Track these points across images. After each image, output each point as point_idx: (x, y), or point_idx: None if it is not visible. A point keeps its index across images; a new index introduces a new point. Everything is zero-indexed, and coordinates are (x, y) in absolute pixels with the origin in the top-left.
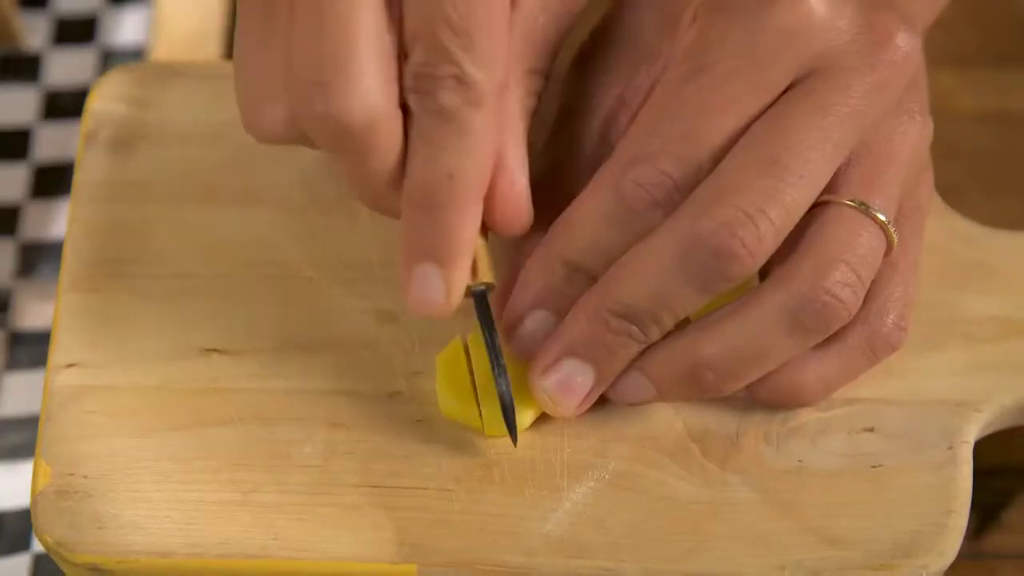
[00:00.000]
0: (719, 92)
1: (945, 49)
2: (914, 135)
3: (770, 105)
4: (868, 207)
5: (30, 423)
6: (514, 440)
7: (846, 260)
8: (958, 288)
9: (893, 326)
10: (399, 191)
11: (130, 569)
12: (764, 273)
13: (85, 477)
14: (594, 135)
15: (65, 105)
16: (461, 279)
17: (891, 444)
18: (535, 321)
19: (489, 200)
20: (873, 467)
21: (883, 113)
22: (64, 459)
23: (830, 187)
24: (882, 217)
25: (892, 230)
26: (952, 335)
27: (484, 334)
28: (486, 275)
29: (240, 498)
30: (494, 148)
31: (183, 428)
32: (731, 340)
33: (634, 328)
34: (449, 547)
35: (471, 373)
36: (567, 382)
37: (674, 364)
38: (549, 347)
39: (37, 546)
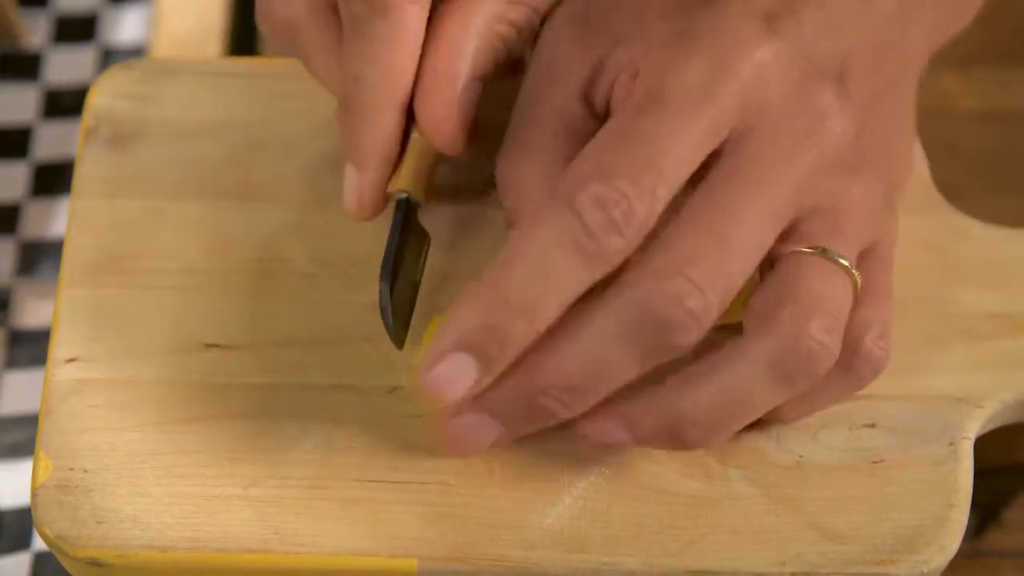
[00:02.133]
0: (677, 124)
1: (947, 48)
2: (859, 193)
3: (717, 150)
4: (828, 251)
5: (29, 421)
6: (397, 344)
7: (821, 306)
8: (959, 285)
9: (872, 346)
10: None
11: (130, 563)
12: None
13: (85, 471)
14: (577, 94)
15: (65, 104)
16: (373, 182)
17: (892, 439)
18: (455, 365)
19: (416, 106)
20: (874, 462)
21: (822, 173)
22: (64, 453)
23: (790, 237)
24: (843, 261)
25: (855, 273)
26: (953, 331)
27: (389, 238)
28: (405, 183)
29: (240, 492)
30: (405, 57)
31: (183, 422)
32: (716, 397)
33: (563, 402)
34: (449, 541)
35: None
36: (469, 435)
37: (656, 419)
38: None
39: (37, 544)
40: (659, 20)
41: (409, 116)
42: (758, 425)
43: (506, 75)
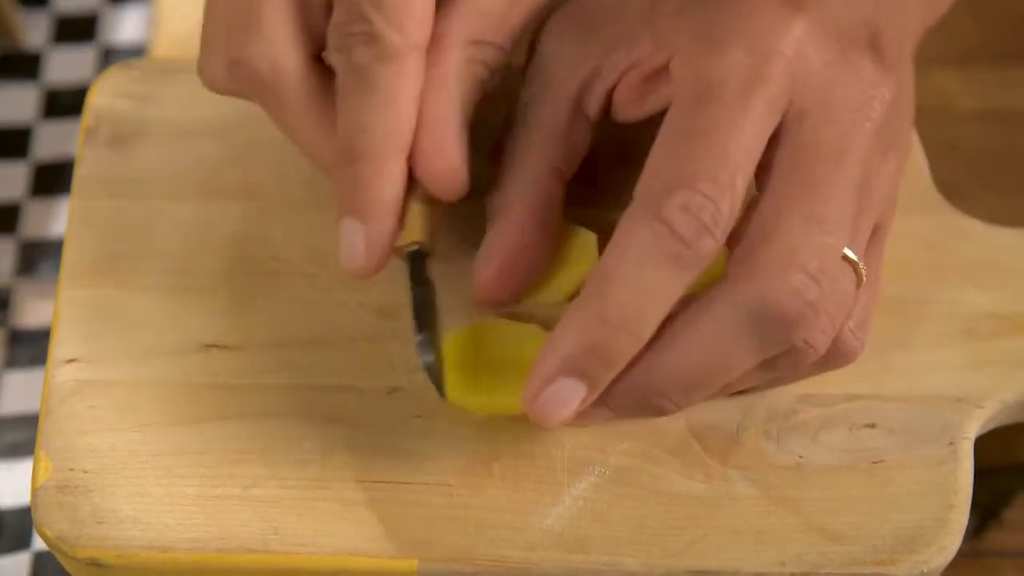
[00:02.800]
0: (737, 111)
1: (946, 47)
2: (888, 171)
3: (777, 131)
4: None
5: (29, 421)
6: (442, 394)
7: (824, 308)
8: (959, 285)
9: (849, 335)
10: (328, 151)
11: (130, 564)
12: None
13: (85, 472)
14: (568, 99)
15: (65, 103)
16: (381, 236)
17: (892, 440)
18: (562, 389)
19: (414, 157)
20: (874, 463)
21: (878, 153)
22: (64, 454)
23: None
24: (853, 256)
25: (863, 268)
26: (953, 331)
27: (411, 293)
28: (417, 235)
29: (240, 493)
30: (410, 105)
31: (183, 423)
32: (694, 360)
33: (676, 402)
34: (449, 542)
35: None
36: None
37: (633, 393)
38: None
39: (37, 544)
40: (673, 17)
41: None
42: (759, 426)
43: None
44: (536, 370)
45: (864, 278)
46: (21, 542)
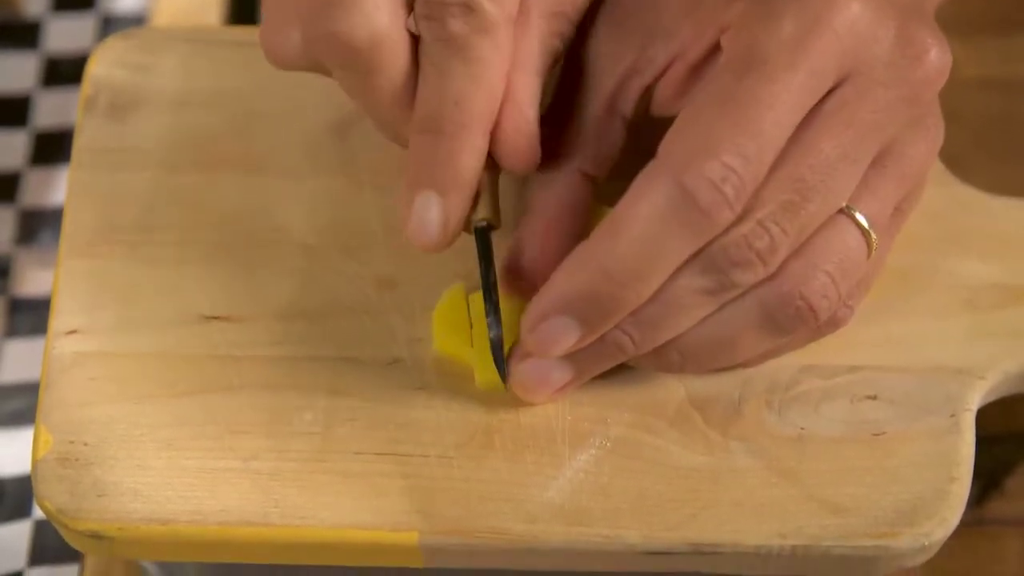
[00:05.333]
0: (777, 86)
1: (950, 16)
2: (925, 150)
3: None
4: (853, 209)
5: (30, 390)
6: (504, 380)
7: (827, 270)
8: (961, 255)
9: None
10: (409, 120)
11: (130, 537)
12: None
13: (86, 444)
14: (602, 100)
15: (65, 72)
16: (459, 210)
17: (893, 411)
18: (559, 325)
19: (497, 132)
20: (875, 435)
21: (905, 126)
22: (65, 426)
23: None
24: (864, 223)
25: (873, 237)
26: (955, 302)
27: (481, 268)
28: (487, 212)
29: (240, 465)
30: (502, 78)
31: (183, 395)
32: (706, 332)
33: (632, 337)
34: (450, 514)
35: (470, 318)
36: (540, 377)
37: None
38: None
39: (38, 512)
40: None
41: None
42: (760, 398)
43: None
44: (535, 305)
45: (874, 249)
46: (22, 510)
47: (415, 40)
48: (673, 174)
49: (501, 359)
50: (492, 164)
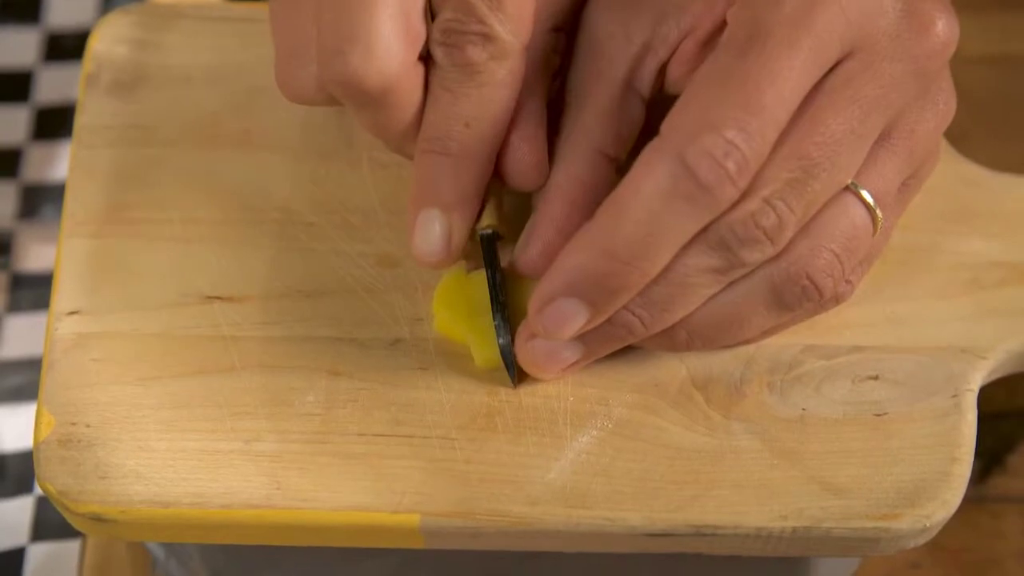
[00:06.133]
0: (780, 62)
1: None
2: (934, 125)
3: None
4: (858, 186)
5: (32, 365)
6: (512, 380)
7: (833, 248)
8: (964, 233)
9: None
10: (416, 140)
11: (133, 519)
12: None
13: (88, 426)
14: (618, 80)
15: (67, 47)
16: (463, 226)
17: (895, 392)
18: (566, 307)
19: (505, 152)
20: (877, 415)
21: (913, 100)
22: (66, 408)
23: None
24: (869, 199)
25: (879, 214)
26: (957, 281)
27: (488, 275)
28: (492, 219)
29: (242, 447)
30: (513, 102)
31: (185, 376)
32: (715, 311)
33: (641, 319)
34: (451, 496)
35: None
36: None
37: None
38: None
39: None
40: None
41: None
42: (762, 379)
43: None
44: (541, 287)
45: (880, 226)
46: (24, 486)
47: (425, 67)
48: (675, 151)
49: (512, 365)
50: (497, 173)
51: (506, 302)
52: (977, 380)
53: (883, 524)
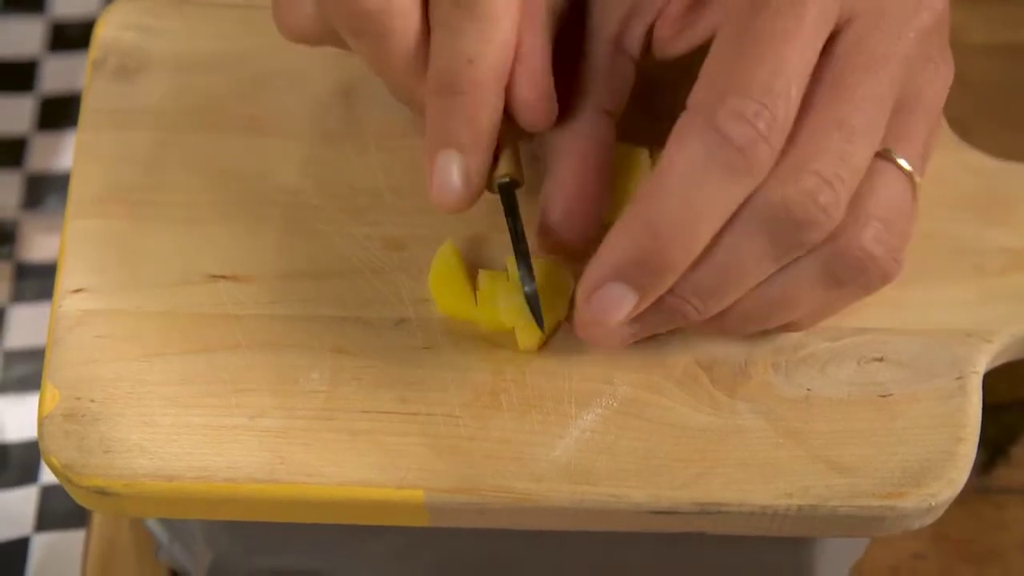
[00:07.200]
0: (789, 20)
1: None
2: (940, 83)
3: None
4: (893, 153)
5: (37, 355)
6: (541, 327)
7: (879, 216)
8: (969, 220)
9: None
10: (423, 83)
11: (136, 493)
12: None
13: (92, 401)
14: (608, 43)
15: (72, 36)
16: (480, 166)
17: (900, 373)
18: (614, 293)
19: (512, 90)
20: (882, 396)
21: (917, 61)
22: (71, 383)
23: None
24: (907, 166)
25: (917, 179)
26: (963, 266)
27: (508, 223)
28: (509, 167)
29: (246, 423)
30: (513, 35)
31: (190, 353)
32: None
33: (696, 307)
34: (456, 473)
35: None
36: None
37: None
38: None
39: (45, 477)
40: None
41: None
42: (767, 359)
43: None
44: (587, 275)
45: (918, 189)
46: (29, 475)
47: (425, 4)
48: (704, 120)
49: (539, 312)
50: (511, 121)
51: (527, 250)
52: (982, 363)
53: (889, 503)
